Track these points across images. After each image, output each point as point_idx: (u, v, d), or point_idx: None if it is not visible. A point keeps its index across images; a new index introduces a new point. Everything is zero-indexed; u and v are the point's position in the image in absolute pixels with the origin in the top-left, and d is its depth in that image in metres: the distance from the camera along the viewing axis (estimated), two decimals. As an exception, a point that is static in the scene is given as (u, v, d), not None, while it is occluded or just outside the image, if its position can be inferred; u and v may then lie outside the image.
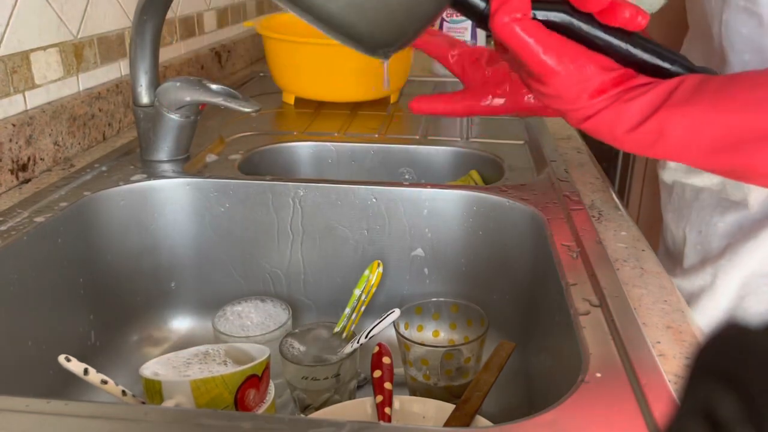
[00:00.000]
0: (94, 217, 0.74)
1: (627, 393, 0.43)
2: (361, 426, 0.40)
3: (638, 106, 0.45)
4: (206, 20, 1.29)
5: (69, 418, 0.41)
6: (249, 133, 1.01)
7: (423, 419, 0.60)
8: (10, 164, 0.74)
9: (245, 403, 0.55)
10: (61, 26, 0.84)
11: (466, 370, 0.65)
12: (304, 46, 1.11)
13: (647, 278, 0.58)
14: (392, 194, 0.78)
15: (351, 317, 0.71)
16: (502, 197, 0.75)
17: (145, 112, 0.82)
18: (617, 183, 2.41)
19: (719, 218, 0.66)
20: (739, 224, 0.64)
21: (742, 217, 0.64)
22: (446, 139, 0.99)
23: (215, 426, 0.40)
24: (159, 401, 0.53)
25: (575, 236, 0.65)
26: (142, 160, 0.84)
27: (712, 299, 0.67)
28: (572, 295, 0.55)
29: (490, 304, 0.73)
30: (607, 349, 0.48)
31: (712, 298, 0.67)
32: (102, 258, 0.75)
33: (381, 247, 0.80)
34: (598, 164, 0.88)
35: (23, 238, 0.64)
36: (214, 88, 0.80)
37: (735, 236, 0.64)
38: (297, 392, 0.66)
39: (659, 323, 0.51)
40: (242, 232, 0.81)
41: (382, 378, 0.62)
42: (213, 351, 0.60)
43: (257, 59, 1.55)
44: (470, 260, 0.79)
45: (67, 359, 0.51)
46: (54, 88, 0.83)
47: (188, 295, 0.83)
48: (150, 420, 0.41)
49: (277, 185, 0.79)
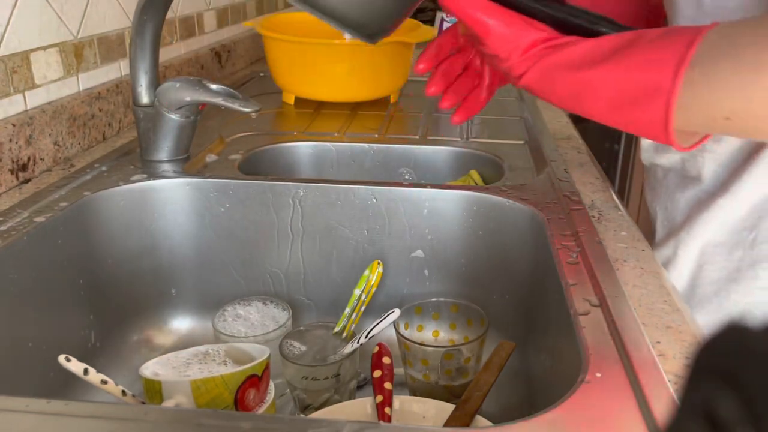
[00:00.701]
0: (94, 217, 0.74)
1: (627, 393, 0.43)
2: (361, 426, 0.40)
3: (559, 63, 0.51)
4: (206, 20, 1.29)
5: (69, 418, 0.41)
6: (249, 133, 1.01)
7: (423, 419, 0.60)
8: (10, 164, 0.74)
9: (245, 403, 0.55)
10: (61, 26, 0.84)
11: (466, 370, 0.65)
12: (304, 45, 1.11)
13: (647, 278, 0.58)
14: (392, 194, 0.78)
15: (351, 317, 0.71)
16: (502, 197, 0.75)
17: (145, 112, 0.82)
18: (617, 183, 2.42)
19: (681, 194, 0.69)
20: (697, 198, 0.67)
21: (698, 191, 0.67)
22: (446, 139, 0.99)
23: (215, 426, 0.40)
24: (159, 401, 0.53)
25: (575, 236, 0.65)
26: (142, 160, 0.84)
27: (676, 269, 0.70)
28: (572, 295, 0.55)
29: (490, 304, 0.73)
30: (607, 349, 0.48)
31: (675, 269, 0.70)
32: (102, 258, 0.75)
33: (381, 247, 0.80)
34: (598, 164, 0.88)
35: (23, 238, 0.64)
36: (214, 88, 0.80)
37: (693, 210, 0.67)
38: (297, 392, 0.66)
39: (659, 323, 0.51)
40: (242, 232, 0.81)
41: (382, 378, 0.62)
42: (213, 351, 0.60)
43: (257, 59, 1.55)
44: (470, 260, 0.79)
45: (67, 359, 0.51)
46: (54, 88, 0.83)
47: (188, 295, 0.83)
48: (150, 420, 0.41)
49: (277, 185, 0.79)
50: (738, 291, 0.64)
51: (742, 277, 0.64)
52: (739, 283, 0.64)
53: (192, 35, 1.23)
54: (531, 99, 1.23)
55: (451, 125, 1.07)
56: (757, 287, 0.63)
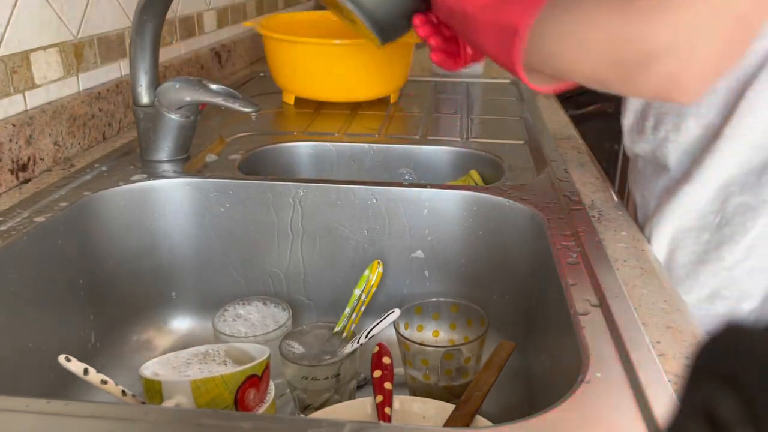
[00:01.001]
0: (94, 217, 0.74)
1: (627, 393, 0.43)
2: (361, 426, 0.40)
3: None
4: (206, 20, 1.29)
5: (69, 418, 0.41)
6: (249, 133, 1.01)
7: (423, 419, 0.60)
8: (10, 164, 0.74)
9: (245, 403, 0.55)
10: (61, 26, 0.84)
11: (466, 370, 0.65)
12: (304, 45, 1.11)
13: (647, 278, 0.58)
14: (392, 194, 0.78)
15: (351, 317, 0.71)
16: (502, 197, 0.75)
17: (145, 112, 0.82)
18: (617, 183, 2.41)
19: (655, 182, 0.71)
20: (666, 186, 0.69)
21: (667, 178, 0.69)
22: (446, 139, 0.99)
23: (215, 426, 0.40)
24: (159, 401, 0.53)
25: (575, 236, 0.65)
26: (142, 160, 0.84)
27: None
28: (572, 295, 0.55)
29: (490, 304, 0.73)
30: (607, 349, 0.48)
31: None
32: (102, 258, 0.75)
33: (381, 247, 0.80)
34: (598, 164, 0.88)
35: (23, 238, 0.64)
36: (214, 88, 0.80)
37: (663, 197, 0.69)
38: (297, 392, 0.66)
39: (659, 323, 0.51)
40: (242, 232, 0.81)
41: (382, 378, 0.62)
42: (213, 351, 0.60)
43: (257, 59, 1.55)
44: (470, 260, 0.79)
45: (67, 359, 0.51)
46: (54, 88, 0.83)
47: (188, 295, 0.83)
48: (150, 420, 0.41)
49: (277, 185, 0.79)
50: (706, 272, 0.66)
51: (709, 259, 0.66)
52: (706, 265, 0.66)
53: (192, 35, 1.23)
54: (531, 99, 1.23)
55: (451, 125, 1.07)
56: (722, 268, 0.65)
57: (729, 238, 0.64)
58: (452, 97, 1.28)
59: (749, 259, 0.63)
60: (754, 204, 0.62)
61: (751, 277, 0.64)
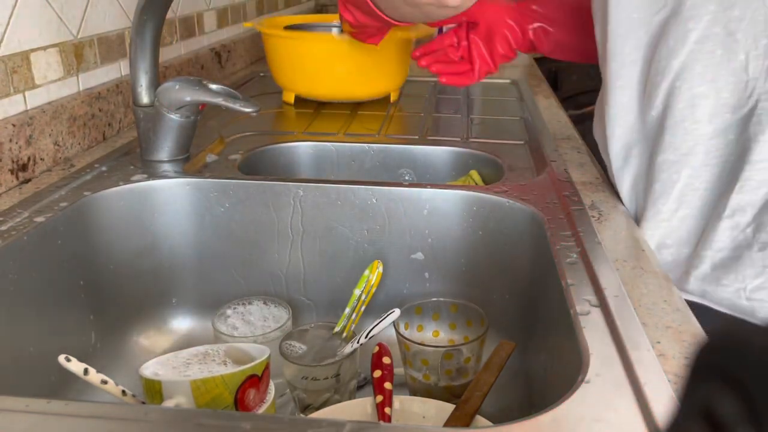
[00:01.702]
0: (94, 217, 0.74)
1: (627, 393, 0.43)
2: (361, 426, 0.40)
3: None
4: (206, 20, 1.29)
5: (69, 418, 0.41)
6: (249, 133, 1.01)
7: (423, 419, 0.60)
8: (10, 164, 0.74)
9: (245, 403, 0.55)
10: (61, 26, 0.84)
11: (466, 370, 0.65)
12: (305, 43, 1.11)
13: (647, 278, 0.58)
14: (392, 194, 0.78)
15: (351, 317, 0.71)
16: (502, 197, 0.75)
17: (145, 112, 0.82)
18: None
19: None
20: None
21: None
22: (446, 139, 0.99)
23: (215, 426, 0.40)
24: (159, 401, 0.53)
25: (575, 236, 0.65)
26: (142, 160, 0.84)
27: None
28: (572, 295, 0.55)
29: (490, 304, 0.73)
30: (607, 349, 0.48)
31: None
32: (102, 258, 0.75)
33: (381, 247, 0.80)
34: (598, 164, 0.88)
35: (23, 238, 0.64)
36: (214, 88, 0.80)
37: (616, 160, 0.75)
38: (297, 392, 0.66)
39: (659, 323, 0.51)
40: (242, 232, 0.81)
41: (382, 378, 0.62)
42: (213, 351, 0.60)
43: (257, 59, 1.55)
44: (470, 260, 0.79)
45: (67, 359, 0.51)
46: (54, 88, 0.83)
47: (188, 295, 0.83)
48: (150, 420, 0.41)
49: (277, 185, 0.79)
50: (650, 226, 0.71)
51: (649, 215, 0.71)
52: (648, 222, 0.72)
53: (192, 35, 1.23)
54: (531, 99, 1.23)
55: (452, 125, 1.07)
56: (661, 220, 0.70)
57: (660, 192, 0.68)
58: (452, 97, 1.28)
59: (681, 208, 0.68)
60: (674, 159, 0.67)
61: (684, 223, 0.69)
